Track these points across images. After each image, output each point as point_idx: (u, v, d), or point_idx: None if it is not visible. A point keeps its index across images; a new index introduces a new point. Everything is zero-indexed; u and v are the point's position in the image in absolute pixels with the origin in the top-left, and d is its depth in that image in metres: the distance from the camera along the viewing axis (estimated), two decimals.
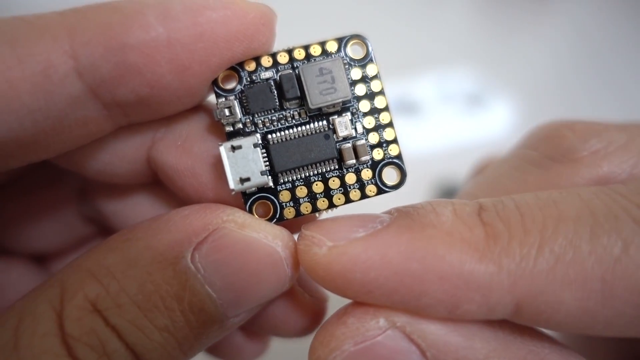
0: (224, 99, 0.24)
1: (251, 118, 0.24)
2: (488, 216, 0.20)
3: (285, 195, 0.24)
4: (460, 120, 0.78)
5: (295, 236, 0.24)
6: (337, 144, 0.24)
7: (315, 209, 0.24)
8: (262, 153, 0.23)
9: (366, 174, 0.24)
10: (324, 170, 0.24)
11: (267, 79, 0.24)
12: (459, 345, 0.20)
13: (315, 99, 0.23)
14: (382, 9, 1.00)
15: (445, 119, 0.77)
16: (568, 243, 0.19)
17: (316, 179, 0.24)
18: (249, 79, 0.24)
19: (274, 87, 0.24)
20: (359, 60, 0.24)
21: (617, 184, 0.21)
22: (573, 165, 0.25)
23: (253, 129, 0.24)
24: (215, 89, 0.24)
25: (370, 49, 0.24)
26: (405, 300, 0.20)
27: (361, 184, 0.24)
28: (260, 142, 0.23)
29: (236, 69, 0.24)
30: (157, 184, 0.28)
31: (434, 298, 0.19)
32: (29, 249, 0.31)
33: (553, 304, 0.19)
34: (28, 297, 0.21)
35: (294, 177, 0.24)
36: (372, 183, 0.24)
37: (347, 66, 0.24)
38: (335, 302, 0.29)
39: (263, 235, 0.22)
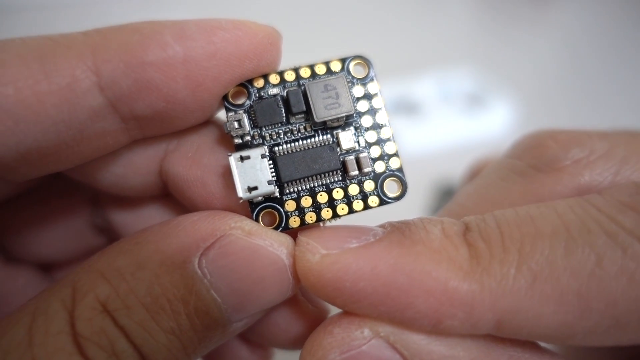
0: (233, 113, 0.25)
1: (259, 131, 0.25)
2: (472, 237, 0.21)
3: (290, 205, 0.25)
4: (460, 120, 0.78)
5: None
6: (341, 156, 0.25)
7: (319, 219, 0.25)
8: (269, 163, 0.25)
9: (369, 185, 0.25)
10: (329, 181, 0.25)
11: (274, 95, 0.25)
12: (442, 353, 0.21)
13: (321, 113, 0.24)
14: (383, 9, 1.01)
15: (445, 119, 0.78)
16: (544, 260, 0.20)
17: (321, 190, 0.25)
18: (257, 94, 0.25)
19: (281, 103, 0.25)
20: (361, 79, 0.26)
21: (594, 194, 0.22)
22: (556, 174, 0.26)
23: (261, 141, 0.25)
24: (226, 103, 0.25)
25: (371, 68, 0.26)
26: (391, 311, 0.21)
27: (364, 195, 0.25)
28: (267, 153, 0.25)
29: (245, 85, 0.25)
30: (168, 196, 0.29)
31: (419, 312, 0.20)
32: (37, 258, 0.32)
33: (532, 319, 0.19)
34: (41, 297, 0.22)
35: (300, 188, 0.25)
36: (374, 194, 0.25)
37: (349, 84, 0.25)
38: (337, 312, 0.30)
39: (269, 243, 0.23)
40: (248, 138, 0.25)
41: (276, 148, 0.25)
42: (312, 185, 0.25)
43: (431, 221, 0.22)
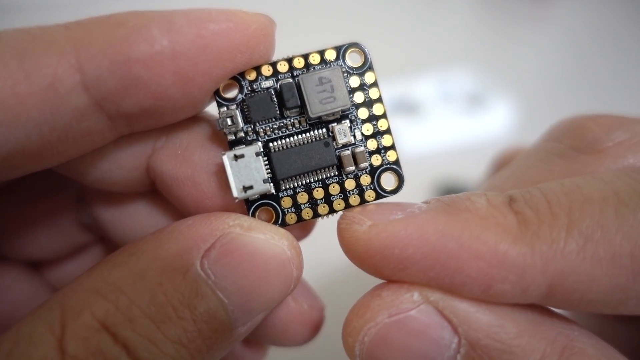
0: (225, 109, 0.24)
1: (252, 127, 0.24)
2: (518, 206, 0.21)
3: (286, 202, 0.25)
4: (461, 120, 0.78)
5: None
6: (337, 151, 0.25)
7: (316, 215, 0.25)
8: (264, 161, 0.24)
9: (365, 179, 0.25)
10: (324, 176, 0.25)
11: (267, 88, 0.24)
12: (491, 323, 0.20)
13: (316, 108, 0.24)
14: (383, 9, 1.01)
15: (445, 119, 0.77)
16: (595, 223, 0.19)
17: (317, 186, 0.25)
18: (249, 88, 0.24)
19: (274, 96, 0.24)
20: (357, 68, 0.25)
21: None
22: (598, 155, 0.25)
23: (254, 137, 0.24)
24: (218, 98, 0.24)
25: (368, 57, 0.25)
26: (441, 277, 0.20)
27: (360, 190, 0.25)
28: (262, 150, 0.24)
29: (237, 78, 0.24)
30: (155, 193, 0.29)
31: (469, 276, 0.20)
32: (24, 256, 0.31)
33: (585, 282, 0.19)
34: (24, 321, 0.20)
35: (295, 184, 0.25)
36: (370, 188, 0.25)
37: (345, 74, 0.25)
38: (332, 312, 0.29)
39: (270, 236, 0.23)
40: (241, 134, 0.24)
41: (271, 144, 0.24)
42: (308, 181, 0.25)
43: (475, 193, 0.22)
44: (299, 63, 0.25)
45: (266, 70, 0.24)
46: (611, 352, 0.21)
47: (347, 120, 0.25)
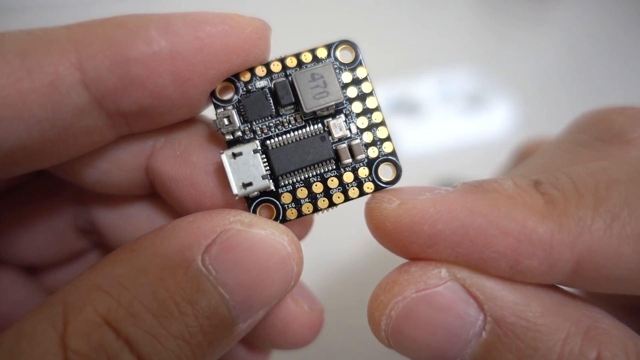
0: (222, 109, 0.25)
1: (249, 126, 0.25)
2: (544, 188, 0.21)
3: (286, 197, 0.25)
4: (461, 120, 0.78)
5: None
6: (333, 145, 0.25)
7: (316, 209, 0.25)
8: (262, 158, 0.24)
9: (363, 172, 0.25)
10: (323, 170, 0.25)
11: (262, 88, 0.25)
12: (517, 301, 0.21)
13: (309, 104, 0.24)
14: (383, 10, 1.01)
15: (445, 119, 0.78)
16: (622, 202, 0.20)
17: (315, 180, 0.25)
18: (245, 88, 0.25)
19: (269, 95, 0.25)
20: (348, 64, 0.25)
21: None
22: (624, 146, 0.26)
23: (252, 136, 0.25)
24: (214, 100, 0.25)
25: (358, 52, 0.25)
26: (469, 253, 0.21)
27: (359, 182, 0.25)
28: (259, 147, 0.24)
29: (232, 80, 0.25)
30: (154, 196, 0.29)
31: (497, 252, 0.20)
32: (20, 259, 0.31)
33: (613, 259, 0.19)
34: (26, 318, 0.20)
35: (294, 179, 0.25)
36: (369, 180, 0.25)
37: (337, 70, 0.25)
38: (331, 314, 0.29)
39: (270, 232, 0.23)
40: (239, 134, 0.25)
41: (268, 141, 0.25)
42: (306, 176, 0.25)
43: (501, 177, 0.23)
44: (291, 62, 0.25)
45: (260, 71, 0.25)
46: (634, 334, 0.21)
47: (342, 115, 0.25)
